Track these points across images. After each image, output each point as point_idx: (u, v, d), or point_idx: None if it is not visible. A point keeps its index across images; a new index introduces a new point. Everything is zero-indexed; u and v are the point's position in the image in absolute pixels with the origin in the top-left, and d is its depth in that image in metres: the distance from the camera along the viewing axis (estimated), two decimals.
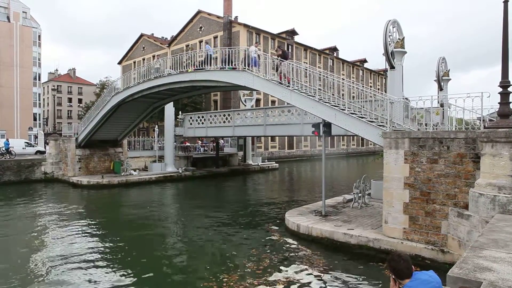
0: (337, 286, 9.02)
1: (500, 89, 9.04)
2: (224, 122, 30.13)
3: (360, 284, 9.12)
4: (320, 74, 15.27)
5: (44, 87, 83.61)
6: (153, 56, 64.43)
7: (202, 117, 32.54)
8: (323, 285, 9.06)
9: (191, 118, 33.53)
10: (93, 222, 16.11)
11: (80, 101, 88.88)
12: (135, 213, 18.35)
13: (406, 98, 12.81)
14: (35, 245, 12.50)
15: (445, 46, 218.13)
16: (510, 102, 9.06)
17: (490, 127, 9.19)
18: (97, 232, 14.36)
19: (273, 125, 26.16)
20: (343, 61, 74.48)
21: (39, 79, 66.78)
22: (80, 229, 14.66)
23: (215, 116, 31.55)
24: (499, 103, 9.09)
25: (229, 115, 30.31)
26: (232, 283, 9.07)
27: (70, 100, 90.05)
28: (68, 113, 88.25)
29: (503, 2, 8.89)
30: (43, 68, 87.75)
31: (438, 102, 14.19)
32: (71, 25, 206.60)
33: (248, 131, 30.10)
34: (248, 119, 28.50)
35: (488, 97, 9.98)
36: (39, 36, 65.90)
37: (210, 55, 19.75)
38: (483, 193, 8.60)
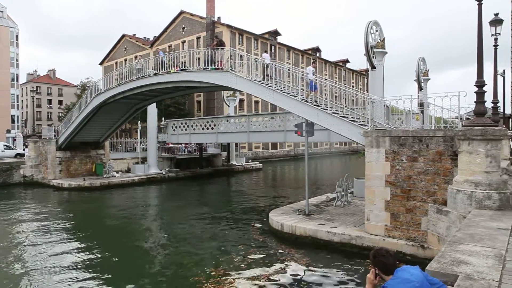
0: (320, 283, 9.13)
1: (476, 89, 9.29)
2: (208, 128, 29.99)
3: (343, 280, 9.25)
4: (303, 74, 15.40)
5: (22, 88, 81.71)
6: (135, 57, 63.73)
7: (186, 123, 32.35)
8: (306, 282, 9.16)
9: (174, 124, 33.31)
10: (74, 225, 15.86)
11: (60, 102, 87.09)
12: (118, 214, 18.15)
13: (386, 106, 13.04)
14: (12, 253, 12.22)
15: (420, 48, 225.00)
16: (485, 101, 9.33)
17: (467, 125, 9.44)
18: (79, 235, 14.13)
19: (256, 132, 26.23)
20: (326, 61, 75.20)
21: (17, 80, 65.36)
22: (60, 233, 14.40)
23: (199, 122, 31.40)
24: (475, 102, 9.34)
25: (212, 121, 30.21)
26: (218, 278, 9.31)
27: (50, 101, 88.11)
28: (48, 115, 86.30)
29: (477, 4, 9.14)
30: (22, 69, 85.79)
31: (418, 102, 14.49)
32: (51, 26, 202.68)
33: (231, 138, 30.12)
34: (232, 125, 28.45)
35: (465, 96, 10.29)
36: (17, 36, 64.48)
37: (164, 61, 20.37)
38: (461, 190, 8.84)
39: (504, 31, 14.39)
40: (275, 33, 62.48)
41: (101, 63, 76.07)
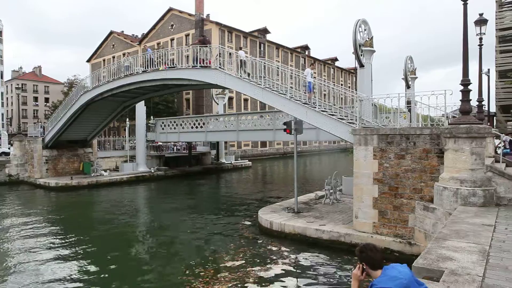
0: (308, 280, 9.19)
1: (462, 87, 9.43)
2: (197, 127, 29.86)
3: (331, 277, 9.32)
4: (291, 73, 15.44)
5: (7, 86, 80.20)
6: (123, 54, 63.04)
7: (174, 122, 32.17)
8: (296, 280, 9.22)
9: (163, 123, 33.09)
10: (60, 225, 15.69)
11: (46, 100, 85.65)
12: (105, 214, 17.98)
13: (374, 105, 13.16)
14: None
15: (407, 48, 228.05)
16: (471, 100, 9.48)
17: (453, 123, 9.59)
18: (65, 235, 13.96)
19: (245, 130, 26.20)
20: (315, 59, 75.40)
21: (2, 77, 64.20)
22: (45, 233, 14.24)
23: (188, 121, 31.21)
24: (460, 100, 9.49)
25: (201, 120, 30.09)
26: (208, 278, 9.27)
27: (36, 99, 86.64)
28: (34, 113, 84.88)
29: (463, 4, 9.27)
30: (6, 66, 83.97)
31: (406, 100, 14.64)
32: (38, 23, 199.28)
33: (220, 136, 30.07)
34: (221, 124, 28.35)
35: (451, 94, 10.44)
36: (1, 32, 63.26)
37: (152, 58, 20.48)
38: (447, 187, 8.98)
39: (488, 31, 14.62)
40: (264, 31, 62.44)
41: (88, 60, 75.10)
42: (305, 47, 73.69)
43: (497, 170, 9.44)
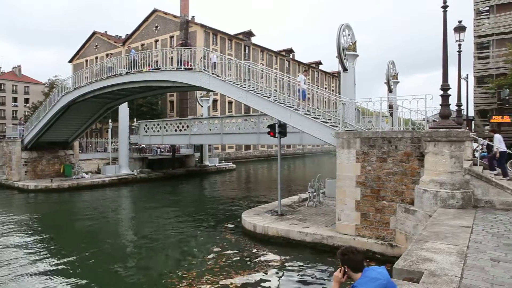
0: (291, 282, 9.22)
1: (441, 92, 9.65)
2: (181, 130, 29.65)
3: (314, 279, 9.38)
4: (276, 75, 15.50)
5: None
6: (107, 55, 62.08)
7: (158, 125, 31.89)
8: (279, 282, 9.24)
9: (146, 125, 32.75)
10: (38, 229, 15.33)
11: (26, 101, 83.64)
12: (86, 217, 17.65)
13: (358, 110, 13.32)
14: None
15: (388, 53, 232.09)
16: (450, 104, 9.71)
17: (433, 127, 9.80)
18: (43, 239, 13.65)
19: (229, 134, 26.16)
20: (299, 62, 75.96)
21: None
22: (22, 237, 13.88)
23: (171, 124, 31.01)
24: (440, 104, 9.71)
25: (185, 123, 29.92)
26: (190, 280, 9.23)
27: (15, 99, 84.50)
28: (13, 114, 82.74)
29: (443, 11, 9.51)
30: None
31: (388, 104, 14.86)
32: (20, 22, 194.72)
33: (204, 139, 29.96)
34: (205, 127, 28.21)
35: (431, 99, 10.65)
36: None
37: (136, 60, 20.30)
38: (427, 189, 9.16)
39: (467, 38, 15.04)
40: (249, 34, 62.59)
41: (70, 61, 73.83)
42: (290, 51, 74.12)
43: (475, 173, 9.69)
